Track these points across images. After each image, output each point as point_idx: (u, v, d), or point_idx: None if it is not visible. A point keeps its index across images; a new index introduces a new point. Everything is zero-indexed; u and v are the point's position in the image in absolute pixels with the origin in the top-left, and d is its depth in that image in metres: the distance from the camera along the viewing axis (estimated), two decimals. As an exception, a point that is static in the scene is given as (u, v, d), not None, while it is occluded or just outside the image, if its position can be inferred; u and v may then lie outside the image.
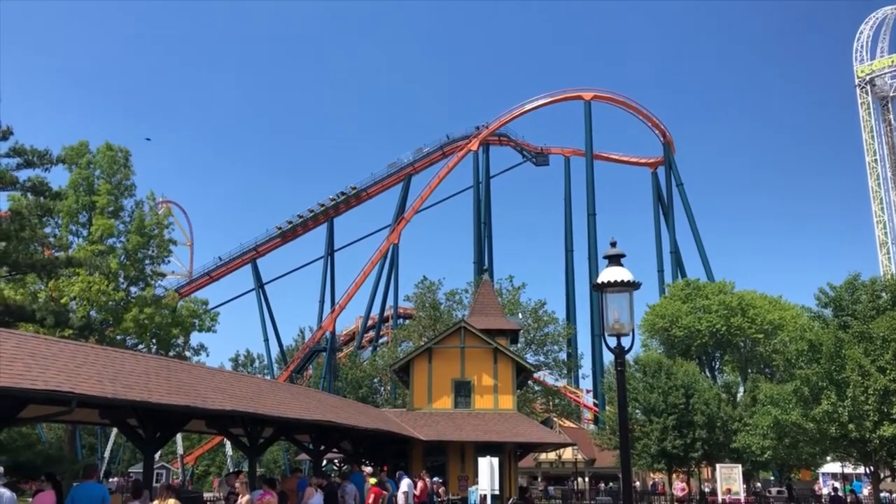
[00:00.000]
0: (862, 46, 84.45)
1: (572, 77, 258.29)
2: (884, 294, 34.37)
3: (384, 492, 18.62)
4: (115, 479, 48.76)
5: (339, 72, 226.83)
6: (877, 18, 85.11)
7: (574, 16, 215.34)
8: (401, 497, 19.57)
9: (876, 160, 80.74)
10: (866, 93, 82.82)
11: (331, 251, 76.85)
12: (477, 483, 23.20)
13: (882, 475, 32.46)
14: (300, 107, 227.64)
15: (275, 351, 79.28)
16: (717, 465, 35.46)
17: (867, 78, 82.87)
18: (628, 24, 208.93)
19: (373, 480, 18.12)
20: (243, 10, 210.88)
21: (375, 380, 57.41)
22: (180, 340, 36.25)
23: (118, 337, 33.41)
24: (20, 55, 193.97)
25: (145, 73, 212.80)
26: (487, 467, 22.18)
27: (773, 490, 46.35)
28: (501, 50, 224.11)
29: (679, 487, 38.59)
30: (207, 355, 53.15)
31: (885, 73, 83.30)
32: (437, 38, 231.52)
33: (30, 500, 11.14)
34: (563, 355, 53.36)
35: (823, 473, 54.25)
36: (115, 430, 52.76)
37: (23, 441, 23.93)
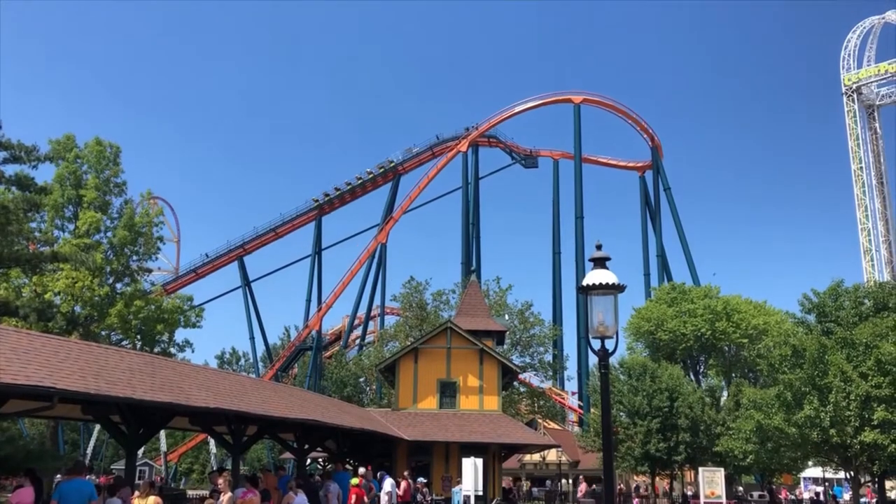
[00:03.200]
0: (849, 55, 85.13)
1: (562, 80, 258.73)
2: (867, 301, 34.72)
3: (366, 492, 18.60)
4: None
5: (329, 72, 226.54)
6: (864, 27, 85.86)
7: (564, 19, 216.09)
8: (384, 497, 19.55)
9: (861, 168, 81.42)
10: (853, 101, 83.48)
11: (318, 250, 76.64)
12: (461, 483, 23.22)
13: (862, 480, 32.75)
14: (290, 106, 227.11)
15: (260, 349, 79.04)
16: (700, 469, 35.63)
17: (854, 86, 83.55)
18: (618, 29, 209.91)
19: (354, 481, 18.09)
20: (235, 8, 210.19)
21: (361, 379, 57.33)
22: (165, 337, 36.00)
23: (102, 332, 33.17)
24: (13, 52, 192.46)
25: (135, 70, 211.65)
26: (472, 468, 22.22)
27: (755, 494, 46.60)
28: (492, 52, 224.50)
29: (581, 489, 38.96)
30: (192, 352, 52.97)
31: (872, 82, 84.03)
32: (429, 39, 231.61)
33: (8, 495, 11.05)
34: (548, 357, 53.48)
35: (805, 478, 54.63)
36: (98, 426, 52.42)
37: (3, 436, 23.73)
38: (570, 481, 56.63)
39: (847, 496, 44.33)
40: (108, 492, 12.39)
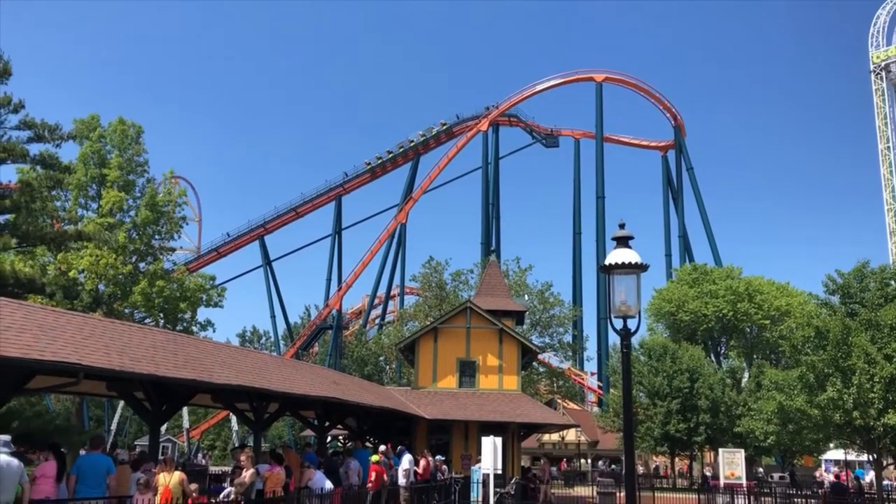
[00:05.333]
0: (878, 32, 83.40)
1: (584, 58, 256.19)
2: (892, 282, 34.26)
3: (386, 469, 18.75)
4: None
5: (348, 52, 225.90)
6: (894, 3, 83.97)
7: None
8: (401, 473, 19.70)
9: (889, 147, 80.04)
10: (881, 79, 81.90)
11: (338, 229, 76.95)
12: (480, 462, 23.33)
13: (885, 463, 32.51)
14: (311, 86, 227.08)
15: (281, 328, 79.78)
16: (720, 450, 35.55)
17: (882, 64, 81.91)
18: (641, 6, 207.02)
19: (374, 458, 18.24)
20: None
21: (381, 358, 57.70)
22: (188, 315, 36.38)
23: (126, 310, 33.59)
24: (36, 31, 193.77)
25: (156, 54, 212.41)
26: (490, 447, 22.26)
27: (776, 475, 46.47)
28: (513, 31, 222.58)
29: (543, 468, 38.48)
30: (214, 331, 53.53)
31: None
32: (450, 18, 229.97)
33: (33, 469, 11.24)
34: (568, 337, 53.50)
35: (826, 460, 54.37)
36: (122, 403, 53.21)
37: (31, 411, 24.17)
38: (589, 461, 56.85)
39: (868, 478, 44.07)
40: (132, 467, 12.58)
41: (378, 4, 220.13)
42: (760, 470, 49.10)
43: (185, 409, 60.84)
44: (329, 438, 27.50)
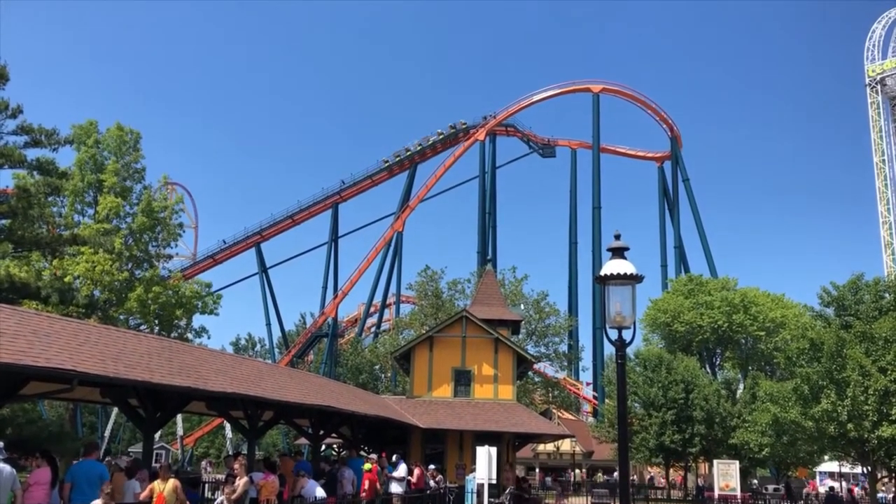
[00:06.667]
0: (874, 45, 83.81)
1: (581, 69, 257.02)
2: (887, 295, 34.38)
3: (379, 478, 18.72)
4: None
5: (347, 60, 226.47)
6: (889, 17, 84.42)
7: (583, 8, 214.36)
8: (395, 482, 19.64)
9: (884, 160, 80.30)
10: (876, 92, 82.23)
11: (335, 237, 76.84)
12: (474, 471, 23.27)
13: (879, 475, 32.53)
14: (309, 94, 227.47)
15: (276, 335, 79.46)
16: (715, 461, 35.56)
17: (878, 77, 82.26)
18: (638, 18, 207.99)
19: (367, 466, 18.23)
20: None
21: (376, 367, 57.57)
22: (182, 322, 36.32)
23: (121, 317, 33.52)
24: (32, 33, 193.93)
25: (156, 57, 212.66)
26: (485, 456, 22.22)
27: (770, 487, 46.43)
28: (511, 41, 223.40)
29: (507, 477, 37.78)
30: (209, 338, 53.38)
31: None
32: (448, 28, 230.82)
33: (27, 475, 11.20)
34: (563, 347, 53.44)
35: (821, 472, 54.34)
36: (115, 410, 53.01)
37: (25, 417, 24.10)
38: (584, 471, 56.78)
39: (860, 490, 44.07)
40: (126, 474, 12.52)
41: (377, 13, 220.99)
42: (755, 482, 49.06)
43: (179, 417, 60.63)
44: (323, 447, 27.41)
